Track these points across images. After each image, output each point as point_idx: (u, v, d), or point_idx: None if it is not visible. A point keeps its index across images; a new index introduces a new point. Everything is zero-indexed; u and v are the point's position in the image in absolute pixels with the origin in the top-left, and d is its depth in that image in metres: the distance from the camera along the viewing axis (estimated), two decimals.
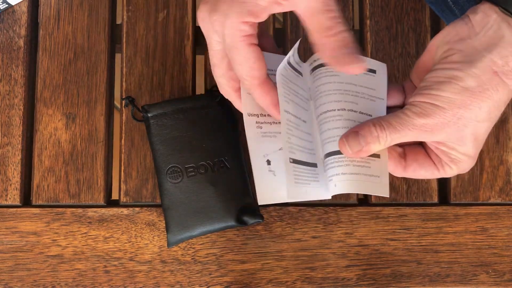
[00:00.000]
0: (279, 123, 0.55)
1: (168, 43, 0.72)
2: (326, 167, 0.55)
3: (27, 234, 0.69)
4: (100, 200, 0.70)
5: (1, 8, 0.71)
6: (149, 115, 0.66)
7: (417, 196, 0.70)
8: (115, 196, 0.72)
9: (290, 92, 0.55)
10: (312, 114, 0.57)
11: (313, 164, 0.56)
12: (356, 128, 0.52)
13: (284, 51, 0.72)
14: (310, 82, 0.58)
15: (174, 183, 0.66)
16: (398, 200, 0.70)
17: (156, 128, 0.66)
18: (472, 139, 0.52)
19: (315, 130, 0.57)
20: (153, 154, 0.67)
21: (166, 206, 0.66)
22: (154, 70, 0.71)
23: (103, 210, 0.69)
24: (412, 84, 0.57)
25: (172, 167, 0.66)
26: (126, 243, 0.69)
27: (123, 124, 0.70)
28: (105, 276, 0.68)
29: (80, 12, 0.72)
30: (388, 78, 0.59)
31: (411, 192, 0.69)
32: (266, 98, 0.53)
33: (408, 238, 0.69)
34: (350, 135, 0.52)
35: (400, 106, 0.57)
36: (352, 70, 0.50)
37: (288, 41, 0.72)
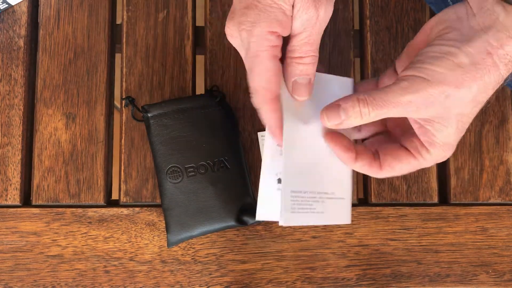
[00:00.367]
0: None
1: (168, 43, 0.72)
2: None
3: (27, 234, 0.69)
4: (100, 200, 0.70)
5: (1, 8, 0.71)
6: (149, 115, 0.66)
7: (417, 196, 0.70)
8: (115, 196, 0.72)
9: (297, 116, 0.54)
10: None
11: (317, 191, 0.55)
12: (339, 101, 0.52)
13: None
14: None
15: (174, 183, 0.66)
16: (398, 200, 0.70)
17: (156, 128, 0.66)
18: (456, 121, 0.50)
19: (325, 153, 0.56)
20: (153, 154, 0.67)
21: (166, 206, 0.66)
22: (154, 70, 0.71)
23: (103, 210, 0.69)
24: (393, 72, 0.56)
25: (172, 167, 0.66)
26: (126, 243, 0.69)
27: (123, 124, 0.70)
28: (105, 276, 0.68)
29: (80, 12, 0.72)
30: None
31: (411, 192, 0.69)
32: (272, 116, 0.52)
33: (408, 238, 0.69)
34: (331, 107, 0.52)
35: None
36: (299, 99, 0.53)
37: None
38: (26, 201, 0.71)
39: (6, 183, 0.69)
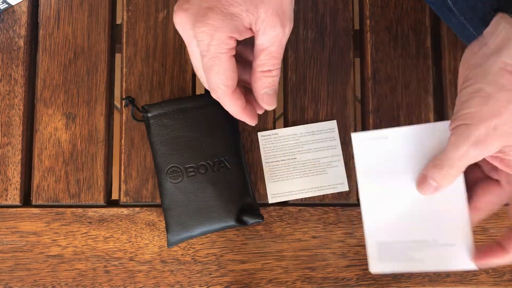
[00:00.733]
0: None
1: (168, 43, 0.72)
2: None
3: (27, 234, 0.69)
4: (100, 200, 0.70)
5: (1, 8, 0.71)
6: (149, 115, 0.66)
7: None
8: (115, 196, 0.72)
9: (372, 168, 0.57)
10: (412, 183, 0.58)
11: (413, 239, 0.57)
12: (424, 172, 0.56)
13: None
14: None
15: (174, 183, 0.66)
16: None
17: (156, 128, 0.66)
18: None
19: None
20: (153, 154, 0.67)
21: (166, 206, 0.66)
22: (154, 70, 0.71)
23: (103, 210, 0.69)
24: None
25: (172, 167, 0.66)
26: (126, 243, 0.69)
27: (123, 124, 0.70)
28: (105, 276, 0.68)
29: (80, 12, 0.72)
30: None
31: None
32: (236, 104, 0.58)
33: None
34: (420, 181, 0.56)
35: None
36: (267, 108, 0.59)
37: (288, 41, 0.72)
38: (26, 201, 0.71)
39: (6, 183, 0.69)
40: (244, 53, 0.60)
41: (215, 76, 0.55)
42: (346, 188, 0.70)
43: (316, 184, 0.69)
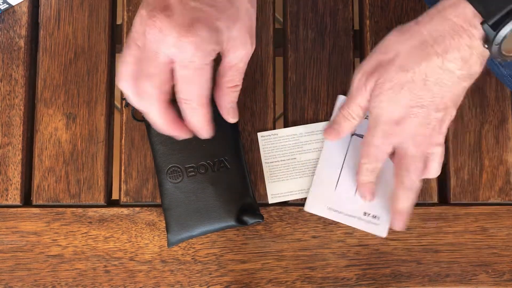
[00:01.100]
0: None
1: None
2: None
3: (27, 234, 0.69)
4: (100, 200, 0.70)
5: (1, 8, 0.71)
6: None
7: (417, 196, 0.70)
8: (115, 196, 0.72)
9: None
10: None
11: None
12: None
13: (283, 51, 0.73)
14: None
15: (174, 183, 0.66)
16: None
17: None
18: None
19: None
20: (153, 154, 0.67)
21: (166, 206, 0.66)
22: None
23: (104, 210, 0.69)
24: None
25: (172, 167, 0.66)
26: (126, 243, 0.69)
27: (124, 124, 0.71)
28: (105, 276, 0.68)
29: (81, 12, 0.72)
30: None
31: None
32: (208, 111, 0.57)
33: (408, 238, 0.69)
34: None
35: None
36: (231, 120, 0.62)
37: (288, 41, 0.72)
38: (27, 201, 0.71)
39: (7, 183, 0.70)
40: None
41: (198, 87, 0.55)
42: None
43: None
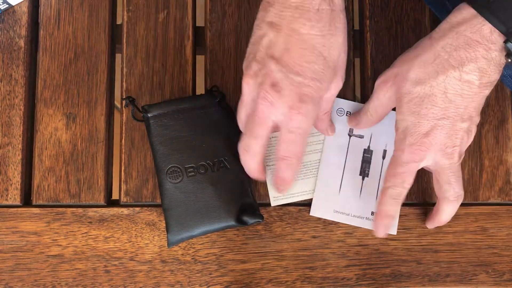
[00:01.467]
0: None
1: (168, 43, 0.72)
2: None
3: (27, 234, 0.69)
4: (100, 200, 0.70)
5: (1, 8, 0.71)
6: (149, 115, 0.66)
7: (417, 196, 0.70)
8: (115, 196, 0.72)
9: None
10: None
11: None
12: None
13: None
14: None
15: (174, 183, 0.66)
16: None
17: (156, 128, 0.66)
18: None
19: None
20: (153, 154, 0.67)
21: (166, 206, 0.66)
22: (154, 70, 0.71)
23: (104, 210, 0.69)
24: None
25: (172, 167, 0.66)
26: (127, 243, 0.69)
27: (124, 124, 0.71)
28: (105, 276, 0.68)
29: (81, 12, 0.72)
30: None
31: (411, 192, 0.69)
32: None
33: (408, 238, 0.69)
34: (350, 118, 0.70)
35: None
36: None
37: None
38: (27, 201, 0.71)
39: (7, 183, 0.70)
40: None
41: (299, 146, 0.61)
42: None
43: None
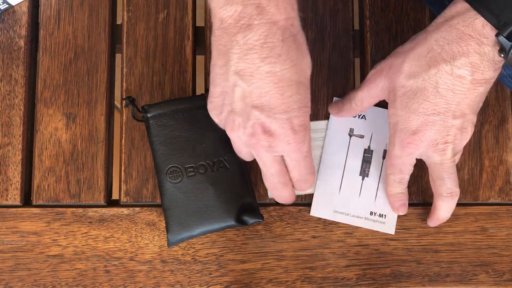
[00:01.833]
0: None
1: (168, 43, 0.72)
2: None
3: (27, 234, 0.69)
4: (100, 200, 0.70)
5: (1, 8, 0.71)
6: (149, 115, 0.66)
7: (416, 196, 0.70)
8: (115, 196, 0.72)
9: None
10: None
11: None
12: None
13: None
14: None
15: (174, 183, 0.66)
16: None
17: (156, 128, 0.66)
18: None
19: None
20: (153, 154, 0.67)
21: (166, 206, 0.66)
22: (154, 70, 0.71)
23: (104, 210, 0.69)
24: None
25: (172, 167, 0.66)
26: (127, 243, 0.69)
27: (123, 124, 0.71)
28: (105, 276, 0.68)
29: (81, 12, 0.72)
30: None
31: (410, 192, 0.69)
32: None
33: (408, 238, 0.69)
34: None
35: None
36: None
37: None
38: (27, 201, 0.71)
39: (7, 183, 0.70)
40: None
41: (310, 163, 0.63)
42: None
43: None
